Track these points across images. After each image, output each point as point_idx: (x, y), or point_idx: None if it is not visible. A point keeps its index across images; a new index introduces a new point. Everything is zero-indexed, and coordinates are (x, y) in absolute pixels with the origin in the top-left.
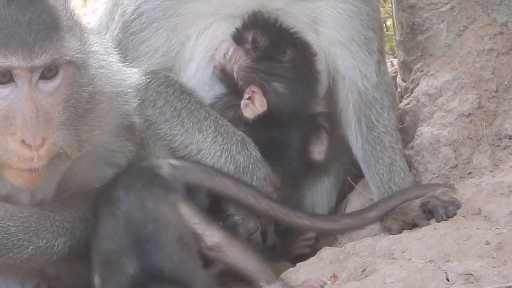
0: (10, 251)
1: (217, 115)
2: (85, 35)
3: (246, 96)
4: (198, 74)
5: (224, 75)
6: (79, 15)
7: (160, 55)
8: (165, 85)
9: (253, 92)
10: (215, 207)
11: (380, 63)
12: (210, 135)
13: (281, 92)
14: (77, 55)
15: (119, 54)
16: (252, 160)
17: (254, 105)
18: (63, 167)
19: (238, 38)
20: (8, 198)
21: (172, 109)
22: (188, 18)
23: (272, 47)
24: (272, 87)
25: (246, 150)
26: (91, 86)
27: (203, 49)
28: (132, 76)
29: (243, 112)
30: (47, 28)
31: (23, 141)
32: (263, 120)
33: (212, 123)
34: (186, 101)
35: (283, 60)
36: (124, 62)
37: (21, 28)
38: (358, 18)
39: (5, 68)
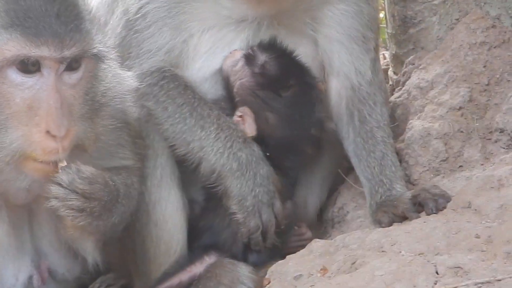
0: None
1: (219, 112)
2: (103, 29)
3: (238, 113)
4: (200, 72)
5: (226, 83)
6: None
7: (163, 53)
8: (168, 80)
9: (246, 114)
10: (217, 204)
11: (375, 61)
12: (213, 132)
13: (271, 123)
14: (102, 48)
15: (121, 51)
16: (255, 158)
17: (244, 127)
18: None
19: (249, 58)
20: (4, 194)
21: (175, 105)
22: (192, 17)
23: (279, 80)
24: (264, 115)
25: (249, 148)
26: (106, 80)
27: (206, 49)
28: (128, 80)
29: None
30: (75, 19)
31: (47, 132)
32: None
33: (214, 120)
34: (190, 97)
35: (283, 95)
36: (127, 58)
37: (50, 18)
38: (359, 17)
39: (35, 58)
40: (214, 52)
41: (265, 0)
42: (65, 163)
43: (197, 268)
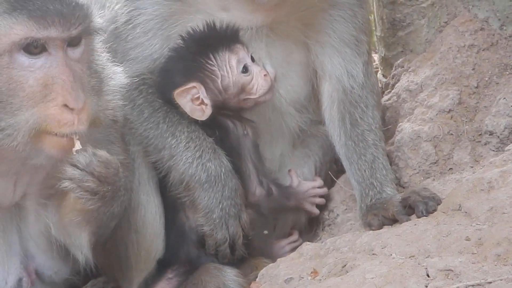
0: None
1: (190, 120)
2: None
3: None
4: None
5: None
6: None
7: (150, 61)
8: (148, 86)
9: None
10: (184, 216)
11: (368, 64)
12: (183, 141)
13: None
14: (103, 23)
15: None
16: (223, 170)
17: None
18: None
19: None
20: None
21: (151, 109)
22: (184, 28)
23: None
24: None
25: (218, 159)
26: (103, 54)
27: None
28: (118, 75)
29: None
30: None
31: (64, 105)
32: None
33: (185, 128)
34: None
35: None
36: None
37: (53, 0)
38: (352, 21)
39: (43, 39)
40: None
41: (260, 10)
42: (79, 147)
43: (164, 284)
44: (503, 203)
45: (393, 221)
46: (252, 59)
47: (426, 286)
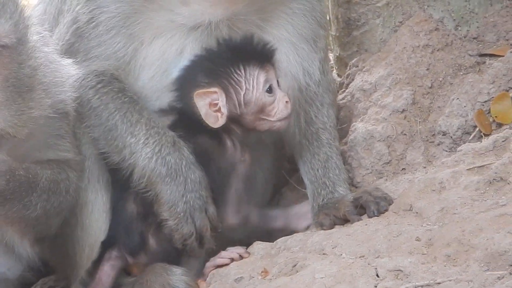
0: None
1: (149, 116)
2: (19, 10)
3: None
4: (152, 82)
5: None
6: None
7: (113, 60)
8: (104, 84)
9: None
10: (149, 211)
11: (325, 61)
12: (142, 138)
13: None
14: (9, 37)
15: (68, 56)
16: (184, 163)
17: None
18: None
19: None
20: None
21: (107, 111)
22: (146, 26)
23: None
24: None
25: (178, 152)
26: (31, 60)
27: (157, 57)
28: (66, 67)
29: None
30: None
31: None
32: None
33: (143, 126)
34: (121, 102)
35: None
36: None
37: None
38: (311, 15)
39: None
40: (166, 60)
41: (220, 2)
42: None
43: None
44: (454, 204)
45: (345, 221)
46: (278, 84)
47: (376, 286)
